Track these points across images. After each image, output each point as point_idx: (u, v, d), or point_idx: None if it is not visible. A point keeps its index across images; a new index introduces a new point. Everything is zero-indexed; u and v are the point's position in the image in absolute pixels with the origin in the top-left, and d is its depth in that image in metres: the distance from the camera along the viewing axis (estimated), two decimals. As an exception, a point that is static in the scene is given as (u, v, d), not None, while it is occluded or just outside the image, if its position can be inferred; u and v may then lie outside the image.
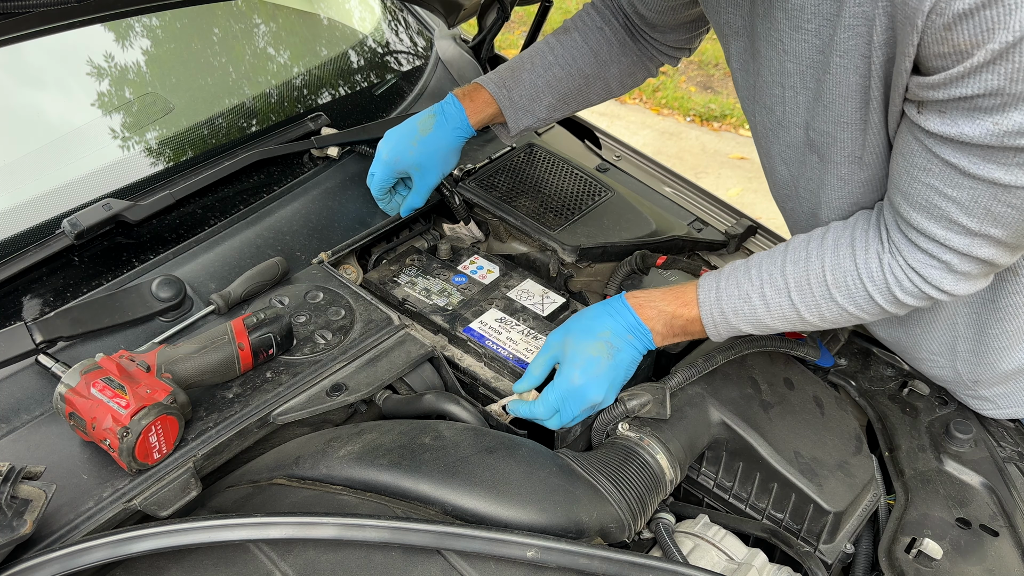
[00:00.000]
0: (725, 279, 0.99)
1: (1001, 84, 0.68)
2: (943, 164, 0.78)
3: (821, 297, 0.92)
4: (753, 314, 0.97)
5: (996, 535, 1.01)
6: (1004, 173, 0.74)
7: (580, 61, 1.25)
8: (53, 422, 0.93)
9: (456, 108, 1.23)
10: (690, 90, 4.68)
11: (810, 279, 0.93)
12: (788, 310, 0.95)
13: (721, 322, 0.99)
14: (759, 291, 0.95)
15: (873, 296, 0.90)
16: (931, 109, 0.76)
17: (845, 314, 0.93)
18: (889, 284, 0.89)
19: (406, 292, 1.23)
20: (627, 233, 1.36)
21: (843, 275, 0.91)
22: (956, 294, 0.88)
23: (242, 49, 1.60)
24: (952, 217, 0.81)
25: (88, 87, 1.35)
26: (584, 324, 1.02)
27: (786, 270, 0.94)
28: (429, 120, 1.23)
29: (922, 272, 0.86)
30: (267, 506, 0.88)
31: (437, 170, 1.25)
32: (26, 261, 1.10)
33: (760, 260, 0.98)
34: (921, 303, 0.90)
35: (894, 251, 0.88)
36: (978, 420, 1.17)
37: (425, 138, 1.22)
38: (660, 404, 1.01)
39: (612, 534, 0.90)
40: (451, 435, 0.93)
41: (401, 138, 1.23)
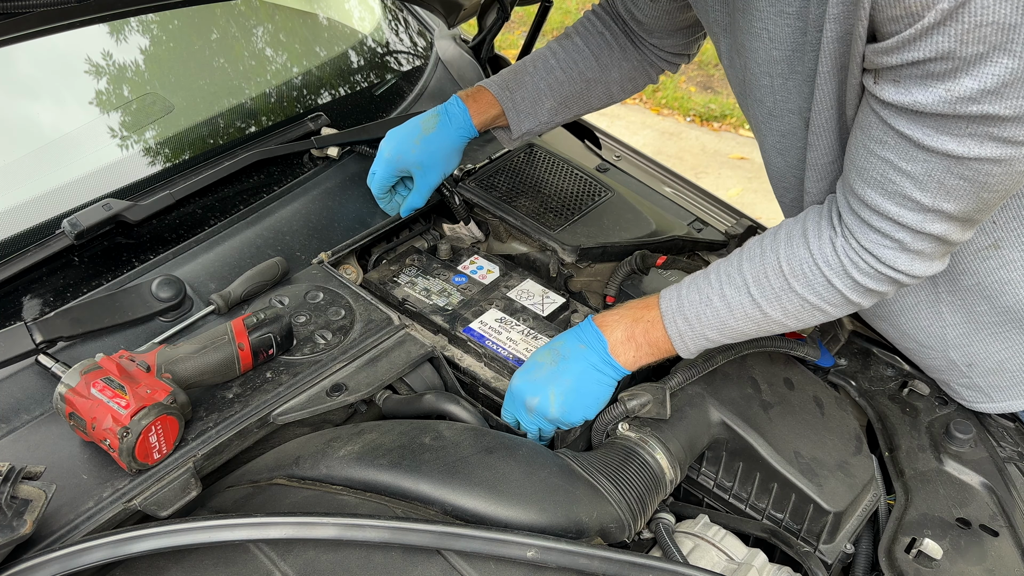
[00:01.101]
0: (686, 287, 1.00)
1: (952, 46, 0.68)
2: (898, 136, 0.78)
3: (780, 289, 0.92)
4: (716, 316, 0.96)
5: (996, 535, 1.01)
6: (957, 144, 0.74)
7: (582, 65, 1.26)
8: (53, 422, 0.93)
9: (460, 109, 1.24)
10: (690, 90, 4.68)
11: (767, 272, 0.93)
12: (750, 307, 0.94)
13: (686, 330, 0.99)
14: (719, 292, 0.96)
15: (832, 281, 0.90)
16: (886, 78, 0.76)
17: (807, 305, 0.92)
18: (845, 266, 0.88)
19: (406, 292, 1.23)
20: (627, 233, 1.36)
21: (799, 263, 0.91)
22: (913, 274, 0.87)
23: (242, 49, 1.60)
24: (906, 192, 0.81)
25: (88, 87, 1.35)
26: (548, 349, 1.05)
27: (743, 267, 0.95)
28: (432, 120, 1.23)
29: (875, 252, 0.86)
30: (267, 506, 0.88)
31: (439, 170, 1.25)
32: (26, 261, 1.10)
33: (718, 264, 0.99)
34: (882, 286, 0.89)
35: (847, 234, 0.88)
36: (978, 420, 1.17)
37: (428, 137, 1.22)
38: (660, 404, 1.01)
39: (612, 534, 0.90)
40: (451, 435, 0.93)
41: (404, 137, 1.23)
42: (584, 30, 1.28)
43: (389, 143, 1.24)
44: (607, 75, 1.27)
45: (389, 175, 1.25)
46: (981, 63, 0.68)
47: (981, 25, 0.66)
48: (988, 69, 0.68)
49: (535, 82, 1.25)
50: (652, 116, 4.46)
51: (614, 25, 1.27)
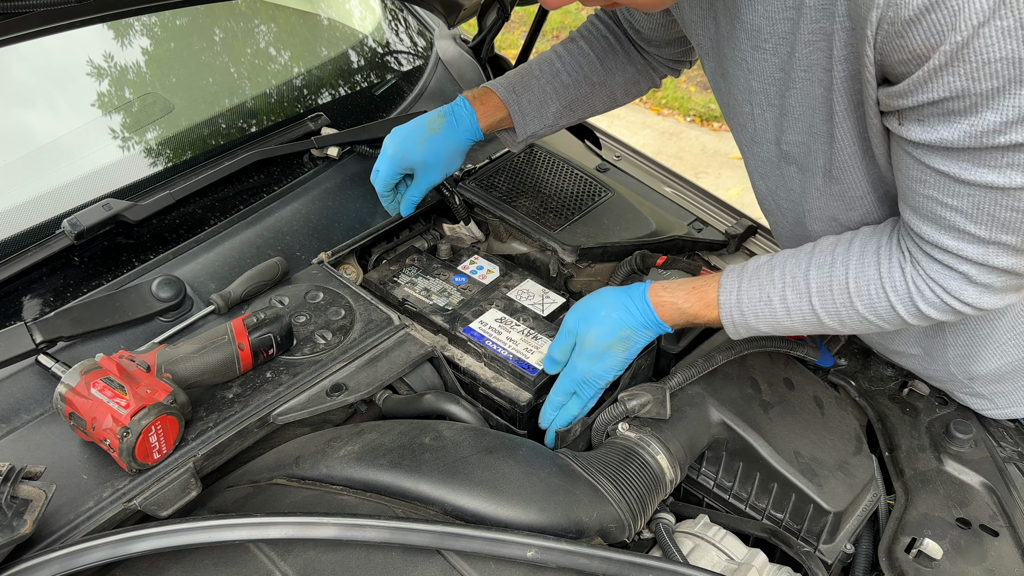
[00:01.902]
0: (747, 280, 0.97)
1: (965, 84, 0.68)
2: (936, 174, 0.77)
3: (842, 304, 0.91)
4: (773, 316, 0.96)
5: (996, 535, 1.01)
6: (997, 176, 0.73)
7: (587, 68, 1.25)
8: (53, 422, 0.93)
9: (467, 110, 1.23)
10: (690, 90, 4.68)
11: (832, 285, 0.91)
12: (808, 314, 0.94)
13: (740, 323, 0.99)
14: (780, 294, 0.94)
15: (895, 307, 0.89)
16: (910, 119, 0.76)
17: (865, 322, 0.92)
18: (912, 295, 0.87)
19: (406, 292, 1.23)
20: (627, 233, 1.36)
21: (866, 283, 0.89)
22: (982, 307, 0.86)
23: (242, 49, 1.60)
24: (959, 227, 0.80)
25: (88, 87, 1.35)
26: (604, 318, 1.03)
27: (809, 274, 0.93)
28: (439, 120, 1.23)
29: (942, 283, 0.85)
30: (267, 506, 0.88)
31: (442, 169, 1.25)
32: (26, 261, 1.10)
33: (785, 260, 0.96)
34: (946, 316, 0.88)
35: (915, 262, 0.87)
36: (978, 420, 1.17)
37: (434, 137, 1.21)
38: (660, 404, 1.01)
39: (612, 534, 0.90)
40: (451, 435, 0.93)
41: (409, 135, 1.22)
42: (589, 34, 1.28)
43: (394, 140, 1.23)
44: (611, 79, 1.27)
45: (393, 172, 1.23)
46: (999, 96, 0.68)
47: (989, 62, 0.66)
48: (1008, 101, 0.67)
49: (541, 85, 1.24)
50: (652, 116, 4.46)
51: (617, 30, 1.27)
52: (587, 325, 1.03)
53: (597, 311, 1.04)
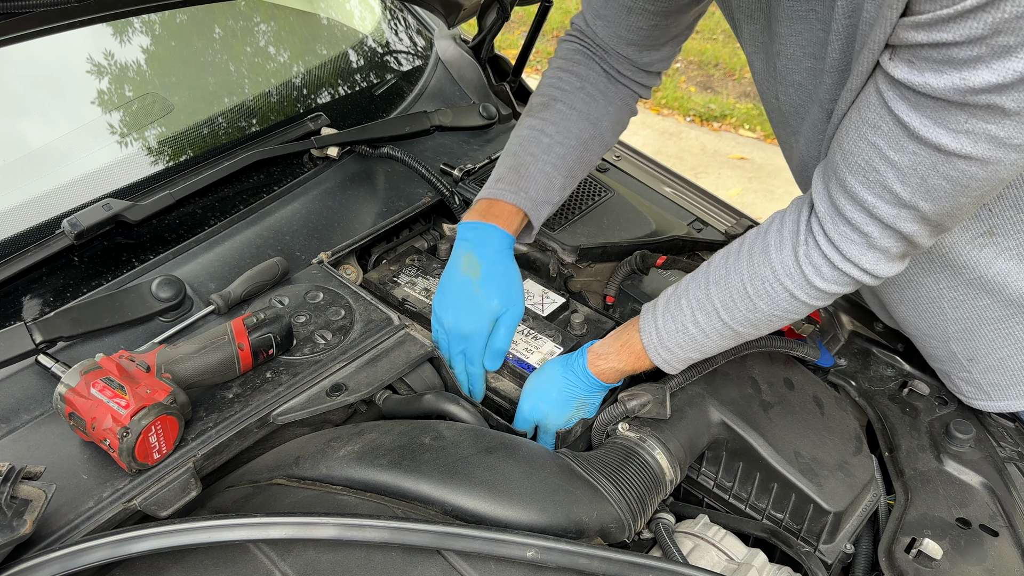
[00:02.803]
0: (661, 316, 1.00)
1: (983, 32, 0.67)
2: (894, 122, 0.77)
3: (747, 310, 0.93)
4: (694, 342, 0.98)
5: (996, 535, 1.01)
6: (951, 139, 0.73)
7: (576, 128, 1.16)
8: (53, 422, 0.93)
9: (490, 230, 1.10)
10: (690, 90, 4.68)
11: (733, 295, 0.93)
12: (723, 329, 0.96)
13: (671, 358, 1.01)
14: (692, 319, 0.97)
15: (794, 293, 0.90)
16: (901, 56, 0.75)
17: (775, 319, 0.94)
18: (807, 275, 0.88)
19: (406, 292, 1.23)
20: (627, 233, 1.37)
21: (761, 282, 0.91)
22: (875, 273, 0.87)
23: (242, 49, 1.60)
24: (887, 183, 0.80)
25: (88, 87, 1.35)
26: (556, 399, 1.05)
27: (711, 292, 0.95)
28: (470, 260, 1.09)
29: (841, 247, 0.85)
30: (267, 506, 0.88)
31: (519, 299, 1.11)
32: (26, 261, 1.10)
33: (687, 286, 0.99)
34: (842, 288, 0.89)
35: (812, 233, 0.87)
36: (978, 420, 1.18)
37: (481, 279, 1.09)
38: (660, 404, 1.02)
39: (612, 534, 0.90)
40: (451, 435, 0.93)
41: (460, 298, 1.09)
42: (563, 93, 1.17)
43: (453, 314, 1.08)
44: (599, 128, 1.19)
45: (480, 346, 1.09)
46: (1005, 56, 0.67)
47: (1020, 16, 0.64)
48: (1010, 64, 0.67)
49: (541, 168, 1.14)
50: (652, 116, 4.46)
51: (591, 71, 1.17)
52: (542, 410, 1.06)
53: (548, 394, 1.06)
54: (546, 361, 1.10)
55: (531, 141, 1.15)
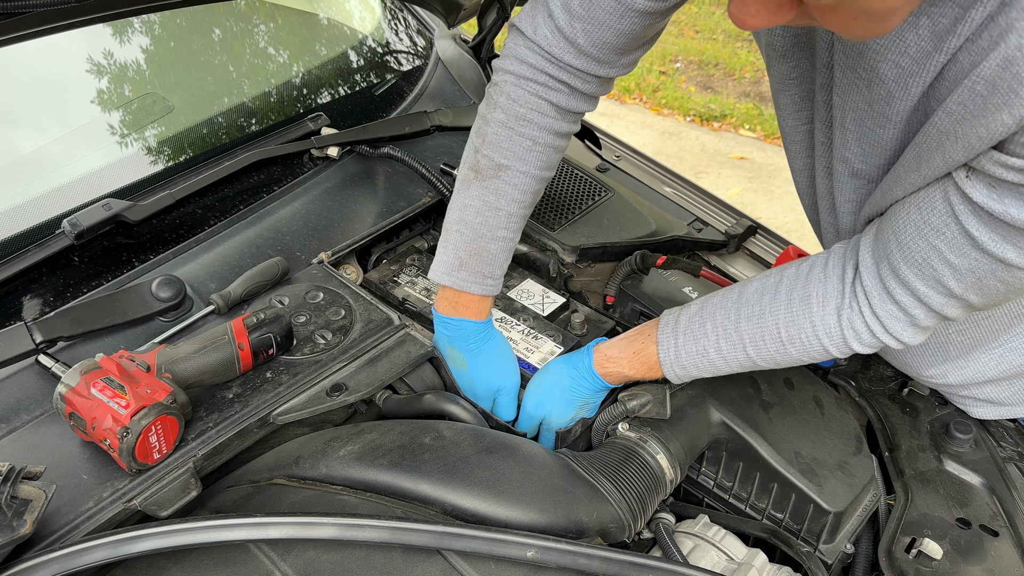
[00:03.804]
0: (682, 335, 0.99)
1: None
2: (960, 232, 0.76)
3: (776, 351, 0.93)
4: (711, 367, 0.99)
5: (996, 535, 1.01)
6: (1016, 255, 0.74)
7: (532, 188, 1.06)
8: (53, 422, 0.93)
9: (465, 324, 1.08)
10: (690, 90, 4.68)
11: (764, 336, 0.93)
12: (745, 361, 0.96)
13: (684, 375, 1.01)
14: (716, 346, 0.96)
15: (828, 349, 0.91)
16: (981, 180, 0.74)
17: (799, 362, 0.95)
18: (847, 338, 0.89)
19: (406, 292, 1.23)
20: (627, 233, 1.37)
21: (798, 332, 0.91)
22: (908, 343, 0.88)
23: (242, 49, 1.60)
24: (941, 279, 0.80)
25: (88, 87, 1.35)
26: (560, 398, 1.06)
27: (740, 326, 0.94)
28: (454, 354, 1.09)
29: (886, 323, 0.86)
30: (267, 506, 0.88)
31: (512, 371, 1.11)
32: (26, 261, 1.10)
33: (714, 311, 0.97)
34: (873, 350, 0.91)
35: (855, 302, 0.87)
36: (978, 420, 1.17)
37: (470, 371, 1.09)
38: (660, 404, 1.02)
39: (612, 534, 0.90)
40: (451, 435, 0.93)
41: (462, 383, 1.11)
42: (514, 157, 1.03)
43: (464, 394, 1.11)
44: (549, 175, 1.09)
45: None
46: None
47: None
48: None
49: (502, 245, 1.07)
50: (652, 116, 4.46)
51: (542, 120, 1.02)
52: (547, 409, 1.07)
53: (552, 392, 1.06)
54: (548, 361, 1.10)
55: (488, 215, 1.05)
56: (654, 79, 4.72)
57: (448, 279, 1.07)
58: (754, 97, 4.59)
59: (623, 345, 1.05)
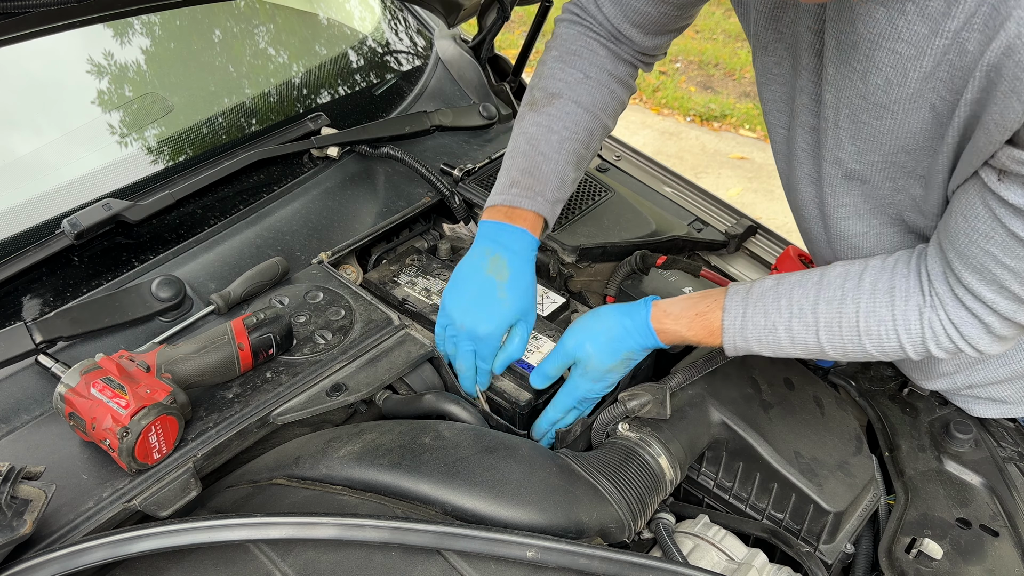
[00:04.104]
0: (752, 306, 0.95)
1: None
2: (1008, 235, 0.76)
3: (849, 341, 0.90)
4: (776, 344, 0.95)
5: (996, 535, 1.01)
6: None
7: (583, 122, 1.11)
8: (53, 422, 0.93)
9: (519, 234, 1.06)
10: (690, 90, 4.68)
11: (841, 322, 0.90)
12: (812, 346, 0.93)
13: (742, 348, 0.98)
14: (786, 324, 0.93)
15: (904, 347, 0.88)
16: (1015, 181, 0.74)
17: (869, 357, 0.92)
18: (925, 338, 0.87)
19: (406, 292, 1.23)
20: (627, 233, 1.36)
21: (877, 323, 0.88)
22: (987, 352, 0.87)
23: (242, 49, 1.60)
24: (1004, 284, 0.80)
25: (88, 87, 1.35)
26: (605, 343, 1.01)
27: (818, 308, 0.91)
28: (498, 262, 1.04)
29: (962, 329, 0.85)
30: (267, 506, 0.88)
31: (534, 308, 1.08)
32: (26, 261, 1.10)
33: (791, 289, 0.94)
34: (948, 356, 0.89)
35: (935, 304, 0.86)
36: (978, 420, 1.17)
37: (508, 284, 1.03)
38: (660, 404, 1.01)
39: (612, 534, 0.90)
40: (451, 435, 0.93)
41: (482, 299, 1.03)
42: (566, 86, 1.11)
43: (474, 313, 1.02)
44: (602, 118, 1.14)
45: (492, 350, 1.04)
46: None
47: None
48: None
49: (553, 167, 1.09)
50: (652, 116, 4.46)
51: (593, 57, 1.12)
52: (588, 349, 1.02)
53: (597, 336, 1.02)
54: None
55: (540, 139, 1.09)
56: (654, 79, 4.72)
57: (499, 198, 1.08)
58: (754, 97, 4.59)
59: (686, 304, 1.00)
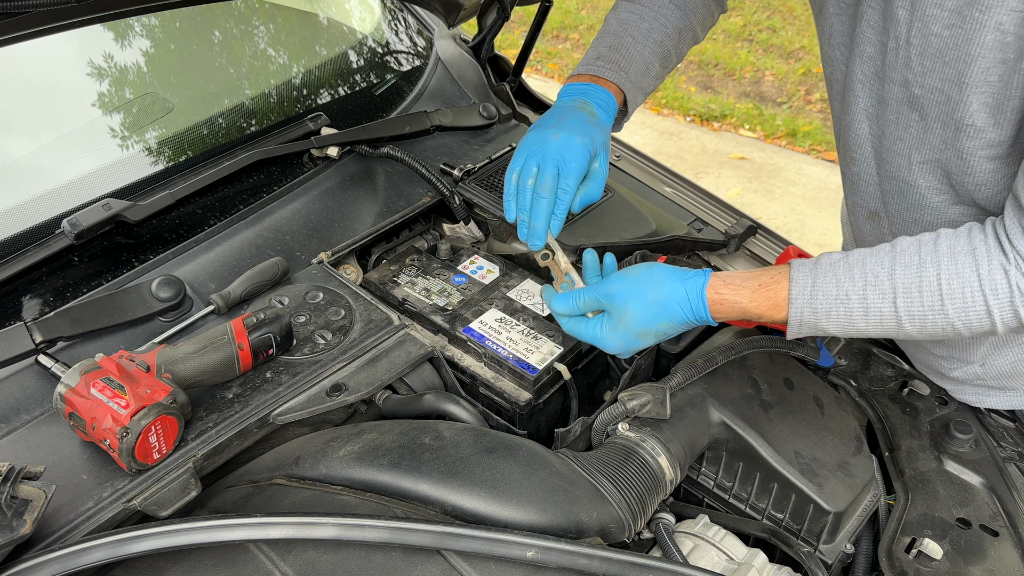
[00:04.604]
0: (822, 276, 0.89)
1: None
2: None
3: (930, 308, 0.85)
4: (847, 317, 0.88)
5: (996, 535, 1.01)
6: None
7: (673, 17, 1.17)
8: (53, 422, 0.93)
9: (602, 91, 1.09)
10: (690, 90, 4.68)
11: (922, 286, 0.85)
12: (888, 318, 0.87)
13: (809, 323, 0.91)
14: (860, 293, 0.87)
15: (992, 311, 0.83)
16: None
17: (948, 328, 0.86)
18: (1014, 300, 0.82)
19: (406, 292, 1.23)
20: (627, 233, 1.36)
21: (960, 285, 0.83)
22: None
23: (242, 49, 1.60)
24: None
25: (88, 87, 1.35)
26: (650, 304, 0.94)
27: (895, 274, 0.86)
28: (586, 104, 1.07)
29: None
30: (267, 506, 0.88)
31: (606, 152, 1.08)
32: (26, 261, 1.10)
33: (863, 259, 0.89)
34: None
35: (1020, 263, 0.82)
36: (978, 420, 1.17)
37: (598, 115, 1.07)
38: (660, 404, 1.01)
39: (612, 534, 0.90)
40: (451, 435, 0.93)
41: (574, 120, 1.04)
42: None
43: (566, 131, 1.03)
44: (691, 20, 1.19)
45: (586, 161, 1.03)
46: None
47: None
48: None
49: (640, 51, 1.13)
50: (652, 116, 4.46)
51: None
52: (629, 304, 0.94)
53: (644, 294, 0.94)
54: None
55: (631, 24, 1.15)
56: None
57: (584, 68, 1.12)
58: (754, 97, 4.59)
59: (746, 276, 0.94)
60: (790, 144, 4.13)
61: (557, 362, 1.12)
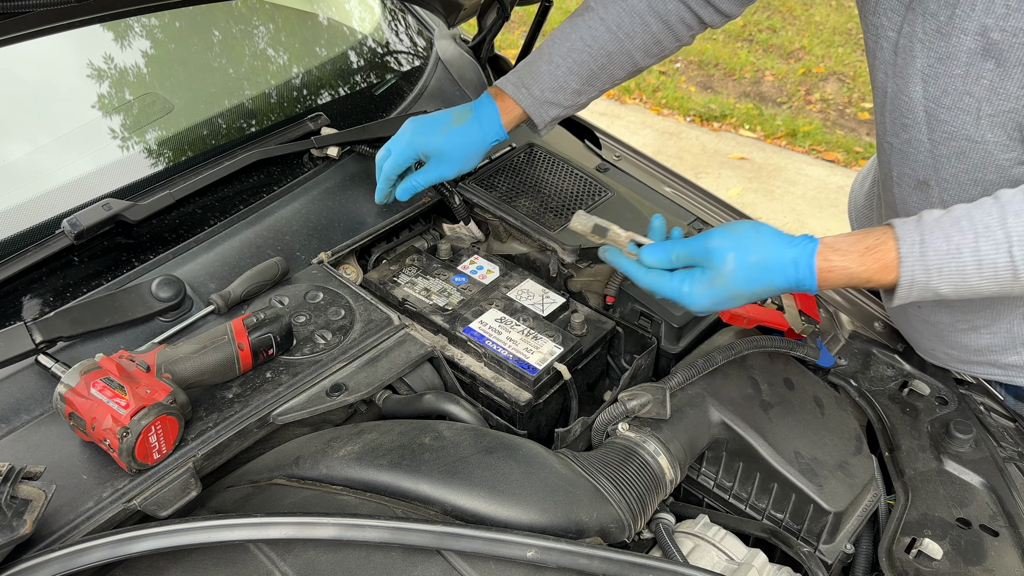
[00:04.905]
0: (930, 232, 0.86)
1: None
2: None
3: None
4: (960, 272, 0.85)
5: (996, 535, 1.01)
6: None
7: (601, 39, 1.20)
8: (53, 422, 0.93)
9: (491, 108, 1.21)
10: (690, 90, 4.68)
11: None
12: (1004, 269, 0.83)
13: (920, 282, 0.87)
14: (972, 245, 0.84)
15: None
16: None
17: None
18: None
19: (406, 292, 1.23)
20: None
21: None
22: None
23: (242, 49, 1.60)
24: None
25: (88, 87, 1.35)
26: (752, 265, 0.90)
27: (1007, 223, 0.83)
28: (464, 114, 1.21)
29: None
30: (267, 506, 0.88)
31: (458, 164, 1.22)
32: (26, 261, 1.10)
33: (969, 211, 0.86)
34: None
35: None
36: (978, 420, 1.17)
37: (457, 129, 1.20)
38: (660, 404, 1.01)
39: (612, 534, 0.90)
40: (451, 435, 0.93)
41: (432, 122, 1.21)
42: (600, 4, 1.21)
43: (414, 125, 1.21)
44: (626, 45, 1.20)
45: (408, 156, 1.20)
46: None
47: None
48: None
49: (552, 70, 1.21)
50: (652, 116, 4.46)
51: None
52: (729, 260, 0.90)
53: (749, 252, 0.90)
54: None
55: (556, 42, 1.22)
56: (654, 79, 4.72)
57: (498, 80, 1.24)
58: (754, 97, 4.59)
59: (851, 240, 0.91)
60: (790, 144, 4.13)
61: (557, 362, 1.12)
